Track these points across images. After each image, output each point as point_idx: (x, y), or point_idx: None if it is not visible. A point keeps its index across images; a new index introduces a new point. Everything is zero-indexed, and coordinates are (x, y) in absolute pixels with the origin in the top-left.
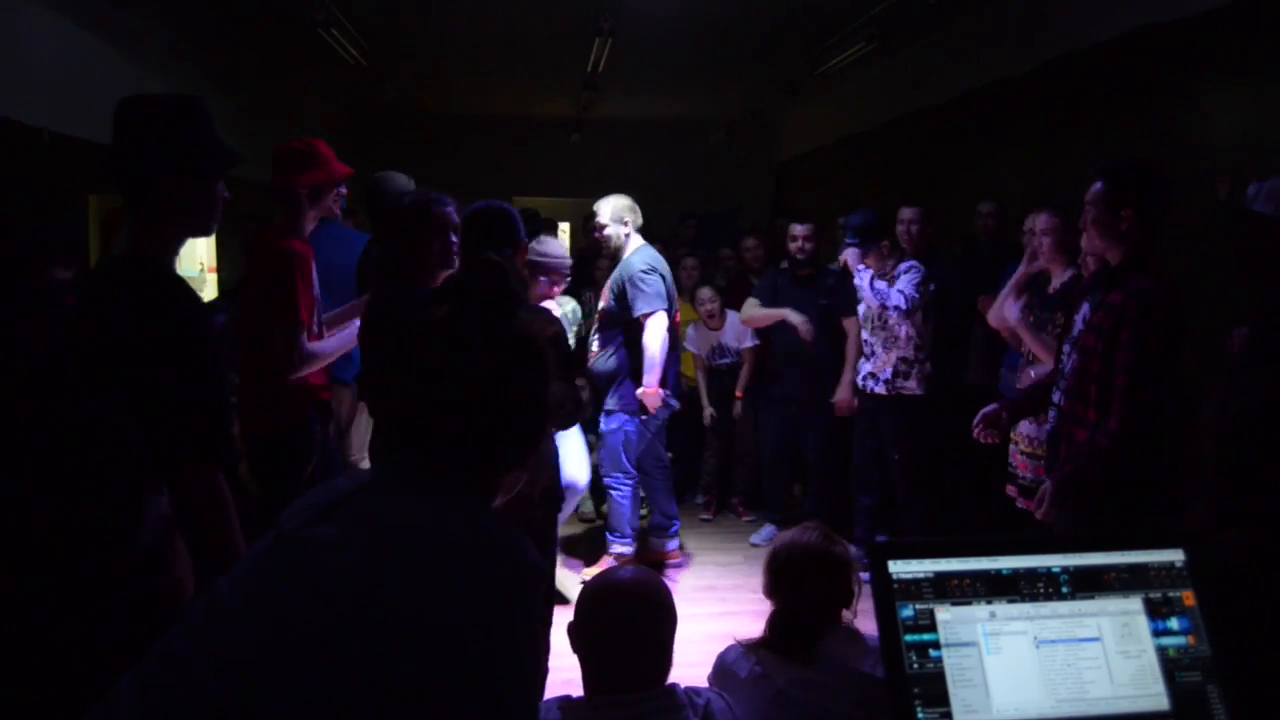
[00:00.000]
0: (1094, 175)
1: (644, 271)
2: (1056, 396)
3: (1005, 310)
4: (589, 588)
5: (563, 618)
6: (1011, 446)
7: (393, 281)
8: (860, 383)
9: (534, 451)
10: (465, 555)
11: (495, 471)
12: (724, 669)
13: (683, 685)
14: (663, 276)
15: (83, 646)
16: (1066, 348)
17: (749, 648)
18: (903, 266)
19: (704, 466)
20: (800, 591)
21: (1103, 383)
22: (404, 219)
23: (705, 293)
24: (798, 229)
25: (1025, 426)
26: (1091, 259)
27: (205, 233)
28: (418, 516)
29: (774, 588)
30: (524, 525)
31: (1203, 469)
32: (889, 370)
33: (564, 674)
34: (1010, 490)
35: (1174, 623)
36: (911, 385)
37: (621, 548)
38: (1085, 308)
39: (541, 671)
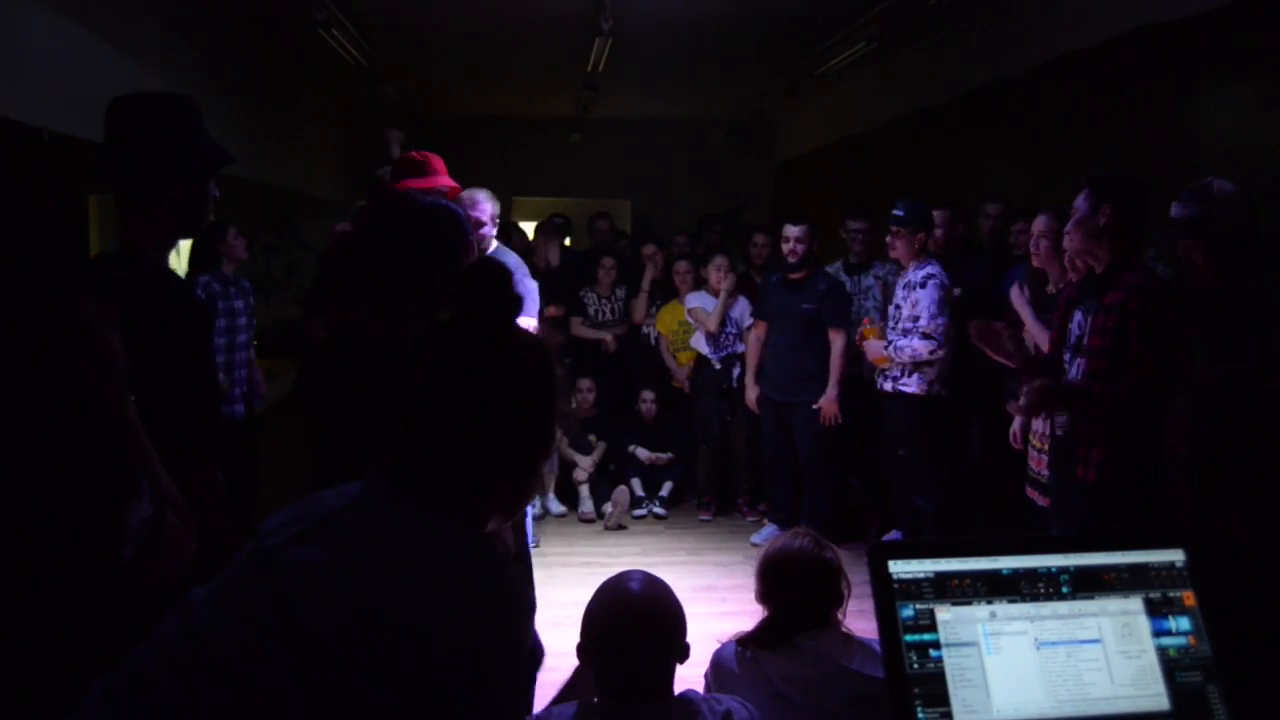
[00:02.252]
0: (1082, 182)
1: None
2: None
3: (1011, 297)
4: (597, 599)
5: (547, 619)
6: (1030, 450)
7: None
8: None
9: (537, 469)
10: (451, 586)
11: (493, 489)
12: (720, 667)
13: (685, 687)
14: None
15: (65, 665)
16: (1067, 356)
17: (744, 645)
18: (917, 275)
19: (699, 468)
20: (792, 597)
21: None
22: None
23: (720, 260)
24: (791, 230)
25: (1041, 426)
26: (1080, 261)
27: (196, 233)
28: (404, 544)
29: (766, 593)
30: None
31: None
32: (897, 369)
33: (560, 674)
34: (1030, 492)
35: (1174, 623)
36: (911, 384)
37: None
38: (1078, 316)
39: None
